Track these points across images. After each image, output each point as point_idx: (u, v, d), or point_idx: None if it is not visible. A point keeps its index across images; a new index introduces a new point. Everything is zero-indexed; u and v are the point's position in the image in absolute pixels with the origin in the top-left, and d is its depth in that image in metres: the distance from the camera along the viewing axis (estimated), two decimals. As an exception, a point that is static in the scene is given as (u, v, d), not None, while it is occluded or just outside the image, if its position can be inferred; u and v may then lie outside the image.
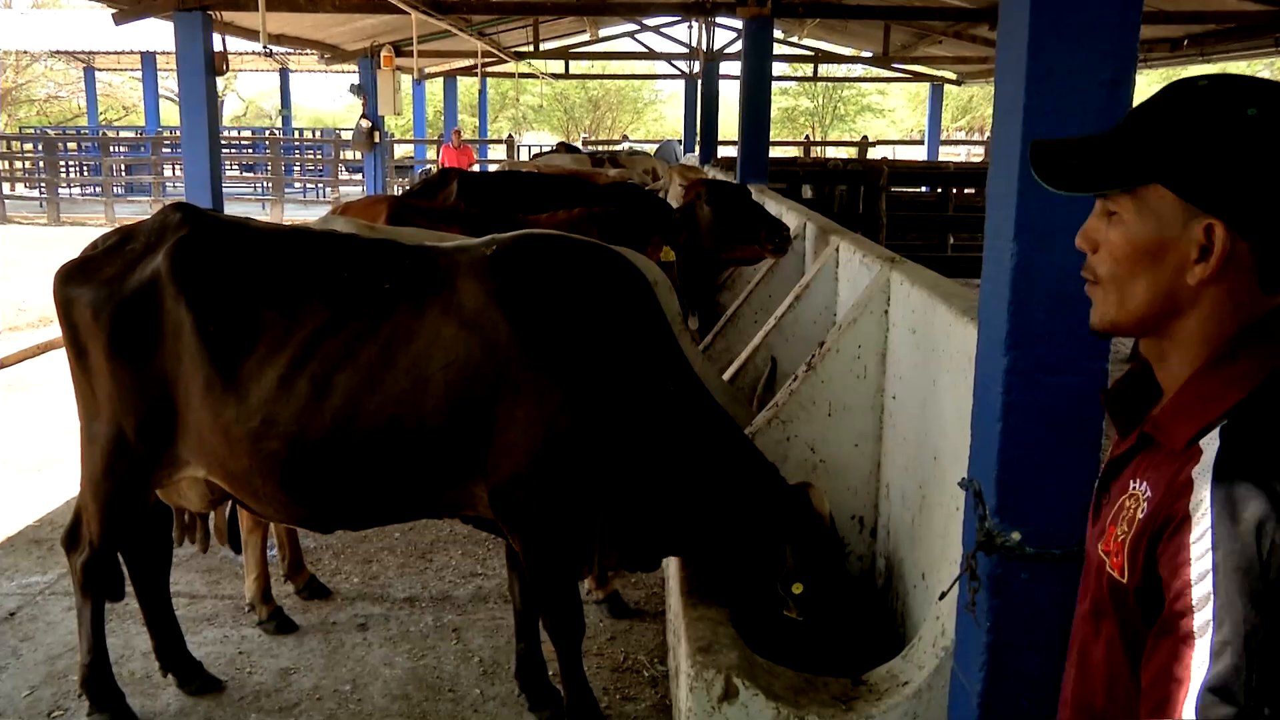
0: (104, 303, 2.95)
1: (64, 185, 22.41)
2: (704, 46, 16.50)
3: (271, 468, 2.85)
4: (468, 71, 20.47)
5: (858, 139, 24.13)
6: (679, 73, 21.50)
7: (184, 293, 2.91)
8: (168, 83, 27.55)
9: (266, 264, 2.99)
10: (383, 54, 14.63)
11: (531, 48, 17.56)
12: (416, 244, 3.15)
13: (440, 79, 22.30)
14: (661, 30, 19.16)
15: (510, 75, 21.51)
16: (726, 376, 4.69)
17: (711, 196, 5.38)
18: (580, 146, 17.59)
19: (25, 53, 28.74)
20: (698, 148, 15.81)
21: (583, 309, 2.90)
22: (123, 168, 23.92)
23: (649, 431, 2.91)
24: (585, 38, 20.48)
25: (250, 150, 25.48)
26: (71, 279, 3.03)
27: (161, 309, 2.92)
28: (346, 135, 20.85)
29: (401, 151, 24.44)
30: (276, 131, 27.35)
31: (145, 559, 3.34)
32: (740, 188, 5.76)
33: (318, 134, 30.63)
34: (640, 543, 3.07)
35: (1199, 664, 0.96)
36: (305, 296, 2.91)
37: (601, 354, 2.87)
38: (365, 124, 16.29)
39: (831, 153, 26.94)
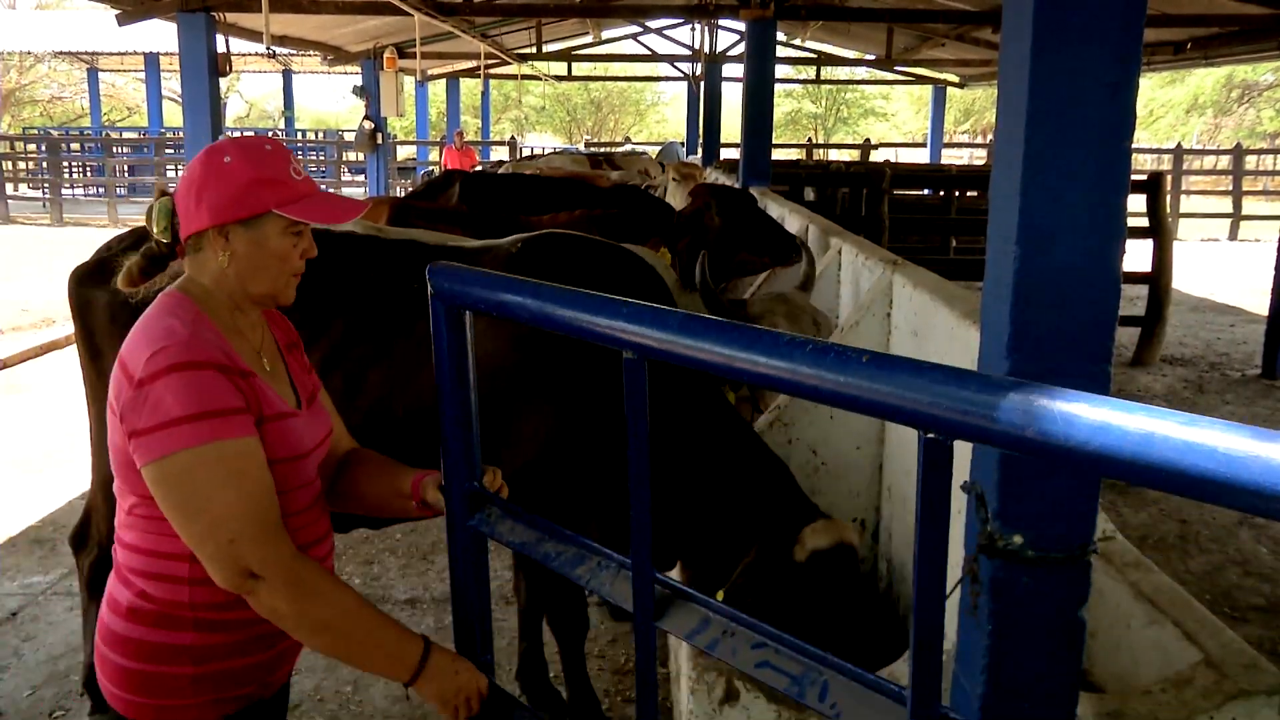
0: (122, 305, 2.94)
1: (67, 186, 22.45)
2: (706, 49, 16.53)
3: None
4: (470, 73, 20.50)
5: (860, 142, 24.14)
6: (681, 75, 21.52)
7: None
8: (171, 84, 27.61)
9: None
10: (385, 55, 14.66)
11: (534, 49, 17.59)
12: (439, 243, 3.16)
13: (443, 80, 22.33)
14: (664, 32, 19.18)
15: (513, 77, 21.53)
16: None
17: (723, 208, 5.35)
18: (580, 148, 17.64)
19: (29, 53, 28.83)
20: (700, 149, 15.83)
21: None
22: (126, 169, 23.96)
23: (660, 429, 2.91)
24: (588, 39, 20.51)
25: (253, 151, 25.47)
26: (87, 280, 3.03)
27: None
28: (349, 136, 20.90)
29: (404, 153, 24.47)
30: (279, 133, 27.39)
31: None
32: (747, 196, 5.74)
33: (320, 135, 30.68)
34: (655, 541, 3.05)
35: None
36: (332, 296, 2.92)
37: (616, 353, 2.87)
38: (368, 125, 16.34)
39: (834, 155, 26.96)
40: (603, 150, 15.12)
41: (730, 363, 1.11)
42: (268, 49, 9.50)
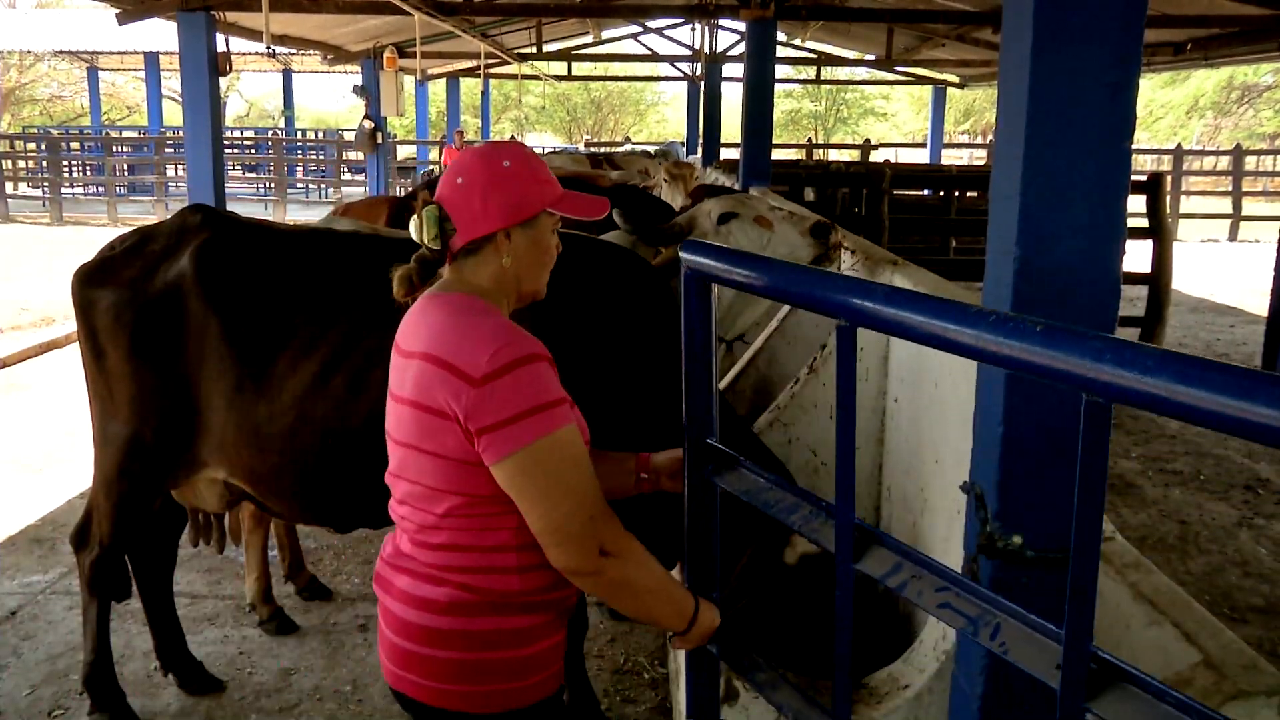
0: (126, 305, 2.95)
1: (67, 185, 22.44)
2: (707, 49, 16.52)
3: (303, 465, 2.86)
4: (470, 73, 20.50)
5: (860, 142, 24.14)
6: (681, 75, 21.52)
7: (211, 295, 2.91)
8: (171, 83, 27.61)
9: (294, 265, 3.00)
10: (385, 55, 14.65)
11: (534, 49, 17.59)
12: None
13: (443, 80, 22.34)
14: (664, 32, 19.18)
15: (513, 77, 21.54)
16: (727, 380, 4.68)
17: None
18: (580, 148, 17.66)
19: (29, 52, 28.82)
20: (700, 149, 15.83)
21: (600, 308, 2.92)
22: (126, 168, 23.95)
23: (661, 430, 2.91)
24: (588, 39, 20.51)
25: (253, 151, 25.51)
26: (91, 280, 3.03)
27: (186, 311, 2.92)
28: (349, 136, 20.90)
29: (404, 152, 24.46)
30: (279, 132, 27.38)
31: (150, 558, 3.35)
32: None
33: (320, 135, 30.66)
34: (650, 540, 3.06)
35: None
36: (337, 295, 2.92)
37: (617, 353, 2.88)
38: (368, 125, 16.33)
39: (834, 155, 26.95)
40: (603, 150, 15.14)
41: (923, 328, 1.27)
42: (268, 48, 9.49)
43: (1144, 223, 8.68)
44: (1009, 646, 1.22)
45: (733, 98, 20.86)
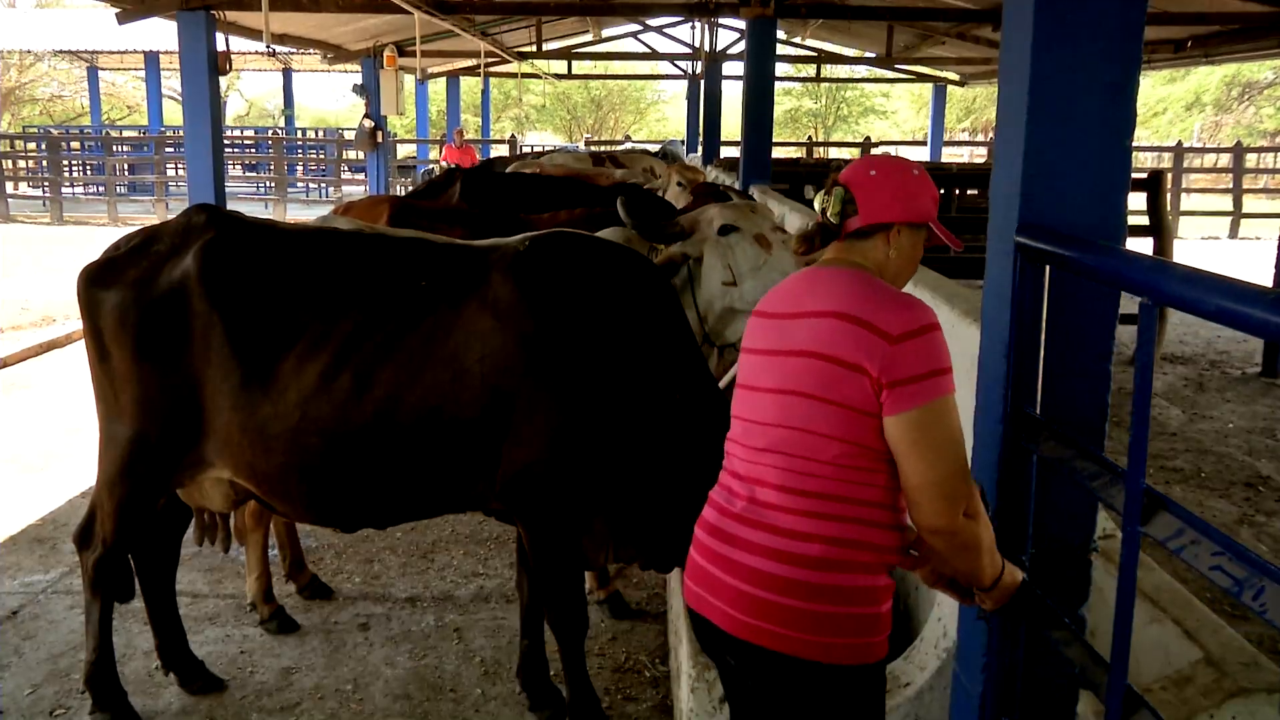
0: (131, 305, 2.95)
1: (67, 185, 22.41)
2: (707, 47, 16.52)
3: (309, 465, 2.86)
4: (470, 71, 20.49)
5: (861, 140, 24.11)
6: (682, 73, 21.51)
7: (215, 295, 2.91)
8: (171, 82, 27.61)
9: (298, 264, 3.00)
10: (385, 54, 14.65)
11: (534, 48, 17.58)
12: (447, 242, 3.18)
13: (443, 79, 22.31)
14: (664, 31, 19.17)
15: (513, 75, 21.52)
16: (724, 383, 4.67)
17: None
18: (581, 146, 17.62)
19: (29, 52, 28.79)
20: (700, 148, 15.82)
21: (606, 307, 2.93)
22: (126, 167, 23.93)
23: (664, 430, 2.92)
24: (588, 38, 20.50)
25: (253, 150, 25.50)
26: (97, 280, 3.03)
27: (190, 311, 2.92)
28: (349, 135, 20.88)
29: (404, 151, 24.44)
30: (279, 131, 27.37)
31: (153, 558, 3.35)
32: (745, 197, 5.73)
33: (320, 134, 30.64)
34: (655, 541, 3.06)
35: None
36: (342, 295, 2.93)
37: (621, 352, 2.89)
38: (368, 124, 16.34)
39: (834, 154, 26.93)
40: (605, 150, 15.13)
41: (1213, 305, 1.42)
42: (268, 47, 9.48)
43: (1144, 220, 8.67)
44: (1268, 607, 1.31)
45: (733, 96, 20.83)
